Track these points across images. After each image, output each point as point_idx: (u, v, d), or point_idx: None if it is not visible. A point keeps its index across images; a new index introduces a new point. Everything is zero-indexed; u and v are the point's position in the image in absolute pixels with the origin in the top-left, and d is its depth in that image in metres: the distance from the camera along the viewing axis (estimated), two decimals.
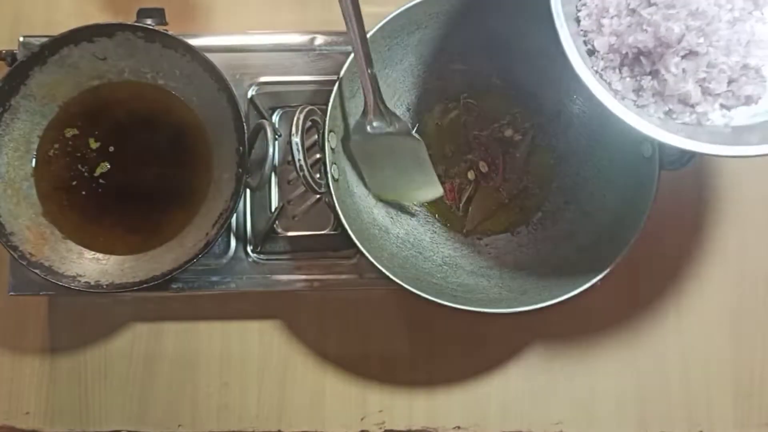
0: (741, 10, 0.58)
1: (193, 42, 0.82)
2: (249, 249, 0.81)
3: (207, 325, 0.87)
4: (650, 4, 0.58)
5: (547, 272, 0.76)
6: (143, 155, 0.78)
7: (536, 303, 0.70)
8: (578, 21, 0.60)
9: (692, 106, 0.59)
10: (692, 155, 0.70)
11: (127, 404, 0.86)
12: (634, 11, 0.59)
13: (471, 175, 0.82)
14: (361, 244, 0.69)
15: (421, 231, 0.80)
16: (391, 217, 0.80)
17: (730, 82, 0.58)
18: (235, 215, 0.81)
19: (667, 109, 0.59)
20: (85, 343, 0.87)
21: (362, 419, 0.86)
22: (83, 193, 0.78)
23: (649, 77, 0.59)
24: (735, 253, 0.89)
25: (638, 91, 0.60)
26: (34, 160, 0.77)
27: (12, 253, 0.72)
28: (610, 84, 0.60)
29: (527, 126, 0.81)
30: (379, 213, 0.79)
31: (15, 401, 0.86)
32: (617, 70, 0.60)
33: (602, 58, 0.60)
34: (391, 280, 0.69)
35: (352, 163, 0.77)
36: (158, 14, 0.85)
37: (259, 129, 0.73)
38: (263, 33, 0.86)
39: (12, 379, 0.86)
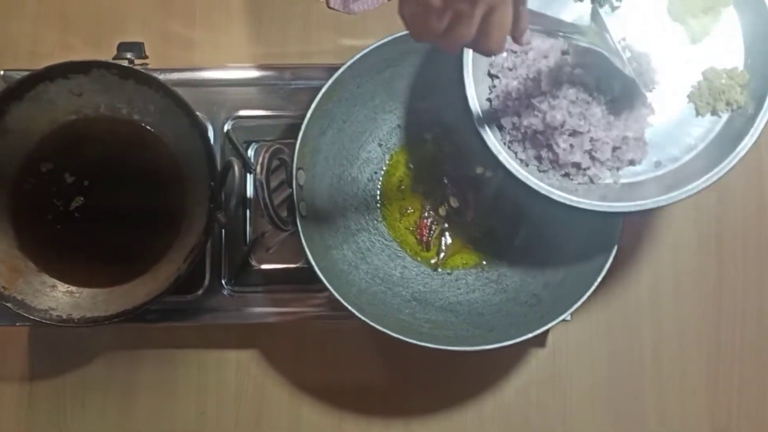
0: (618, 94, 0.67)
1: (172, 76, 0.84)
2: (224, 281, 0.82)
3: (184, 353, 0.88)
4: (540, 93, 0.68)
5: (515, 308, 0.76)
6: (118, 189, 0.80)
7: (503, 341, 0.70)
8: (490, 101, 0.70)
9: (584, 170, 0.69)
10: None
11: None
12: (528, 98, 0.68)
13: (442, 210, 0.83)
14: (327, 280, 0.70)
15: (391, 266, 0.81)
16: (362, 253, 0.80)
17: (614, 149, 0.68)
18: (210, 248, 0.81)
19: (563, 172, 0.69)
20: (64, 370, 0.88)
21: None
22: (58, 226, 0.79)
23: (546, 149, 0.69)
24: (710, 288, 0.88)
25: (539, 159, 0.70)
26: (10, 194, 0.78)
27: None
28: (516, 154, 0.70)
29: (498, 163, 0.81)
30: (349, 249, 0.79)
31: None
32: (521, 143, 0.70)
33: (509, 133, 0.70)
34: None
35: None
36: (137, 48, 0.87)
37: (230, 166, 0.74)
38: (241, 67, 0.87)
39: None
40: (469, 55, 0.67)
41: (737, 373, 0.86)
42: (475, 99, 0.68)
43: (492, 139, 0.68)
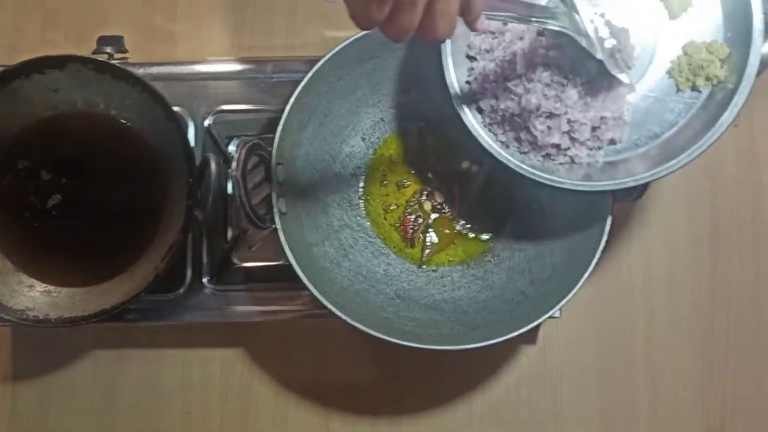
0: (594, 75, 0.66)
1: (152, 70, 0.83)
2: (205, 280, 0.80)
3: (169, 352, 0.87)
4: (516, 76, 0.67)
5: (500, 306, 0.74)
6: (95, 187, 0.78)
7: (487, 339, 0.69)
8: (469, 84, 0.69)
9: (564, 150, 0.68)
10: (645, 187, 0.68)
11: None
12: (504, 81, 0.67)
13: (427, 206, 0.81)
14: (307, 278, 0.69)
15: (374, 263, 0.79)
16: (344, 250, 0.79)
17: (593, 129, 0.67)
18: (191, 245, 0.80)
19: (544, 153, 0.69)
20: (48, 370, 0.87)
21: None
22: (36, 224, 0.78)
23: (524, 131, 0.68)
24: (704, 282, 0.87)
25: (519, 140, 0.69)
26: None
27: None
28: (496, 136, 0.69)
29: (484, 157, 0.79)
30: (331, 246, 0.78)
31: None
32: (501, 125, 0.69)
33: (488, 116, 0.69)
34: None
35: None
36: (117, 42, 0.85)
37: (207, 162, 0.72)
38: (222, 61, 0.85)
39: None
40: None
41: (731, 367, 0.85)
42: (455, 81, 0.68)
43: (471, 120, 0.68)
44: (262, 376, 0.86)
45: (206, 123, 0.82)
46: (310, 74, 0.71)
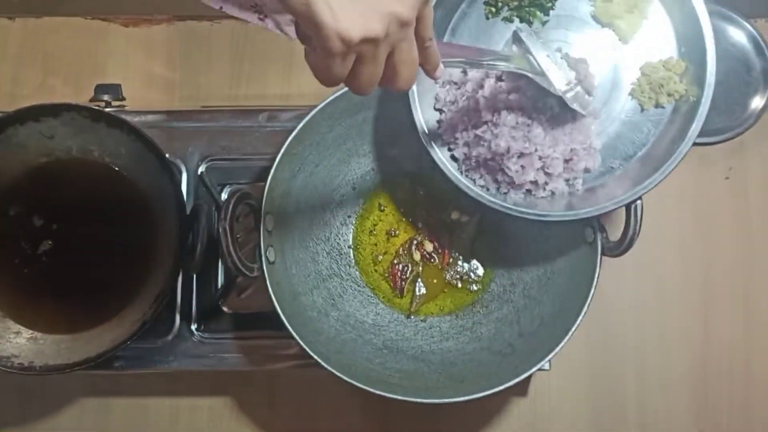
0: (557, 110, 0.68)
1: (147, 118, 0.84)
2: (194, 327, 0.80)
3: (156, 401, 0.86)
4: (483, 123, 0.69)
5: (488, 358, 0.74)
6: (87, 233, 0.79)
7: (474, 393, 0.68)
8: (440, 135, 0.71)
9: (543, 185, 0.69)
10: (632, 240, 0.69)
11: None
12: (473, 129, 0.69)
13: (417, 255, 0.81)
14: (294, 329, 0.68)
15: (363, 313, 0.79)
16: (333, 299, 0.79)
17: (566, 161, 0.69)
18: (179, 293, 0.80)
19: (524, 191, 0.70)
20: (33, 417, 0.86)
21: None
22: (25, 270, 0.78)
23: (500, 173, 0.69)
24: (697, 336, 0.86)
25: (497, 182, 0.70)
26: None
27: None
28: (474, 181, 0.71)
29: (471, 206, 0.80)
30: (320, 295, 0.77)
31: None
32: (477, 170, 0.70)
33: (463, 163, 0.71)
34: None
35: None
36: (114, 90, 0.87)
37: (198, 210, 0.73)
38: (217, 110, 0.86)
39: None
40: (414, 93, 0.68)
41: (724, 420, 0.84)
42: (426, 132, 0.70)
43: (449, 168, 0.69)
44: (250, 425, 0.86)
45: (200, 170, 0.83)
46: (300, 125, 0.72)
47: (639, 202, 0.66)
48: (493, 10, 0.72)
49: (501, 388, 0.68)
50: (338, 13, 0.44)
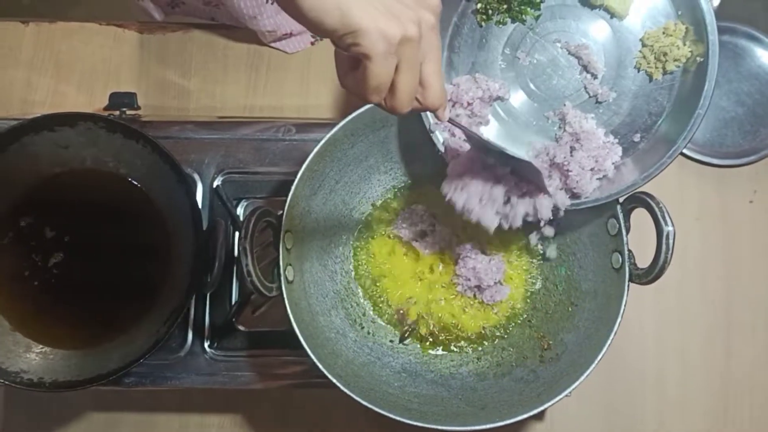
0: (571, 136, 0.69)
1: (163, 129, 0.82)
2: (206, 344, 0.78)
3: (165, 417, 0.85)
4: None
5: (510, 384, 0.72)
6: (99, 246, 0.77)
7: (494, 421, 0.66)
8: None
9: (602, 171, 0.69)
10: (663, 268, 0.67)
11: None
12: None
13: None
14: (311, 350, 0.66)
15: (381, 335, 0.77)
16: (351, 320, 0.77)
17: (597, 160, 0.68)
18: (193, 309, 0.78)
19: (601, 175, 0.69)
20: (41, 431, 0.84)
21: None
22: (35, 283, 0.76)
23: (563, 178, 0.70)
24: (718, 362, 0.85)
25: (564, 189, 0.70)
26: None
27: None
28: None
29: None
30: (338, 315, 0.76)
31: None
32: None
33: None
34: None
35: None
36: (130, 99, 0.85)
37: (216, 226, 0.71)
38: (234, 121, 0.84)
39: None
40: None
41: None
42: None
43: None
44: None
45: (215, 183, 0.81)
46: (322, 142, 0.70)
47: (672, 228, 0.64)
48: (485, 17, 0.71)
49: (524, 416, 0.66)
50: (375, 16, 0.45)
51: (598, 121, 0.70)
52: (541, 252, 0.78)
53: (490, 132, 0.72)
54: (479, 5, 0.71)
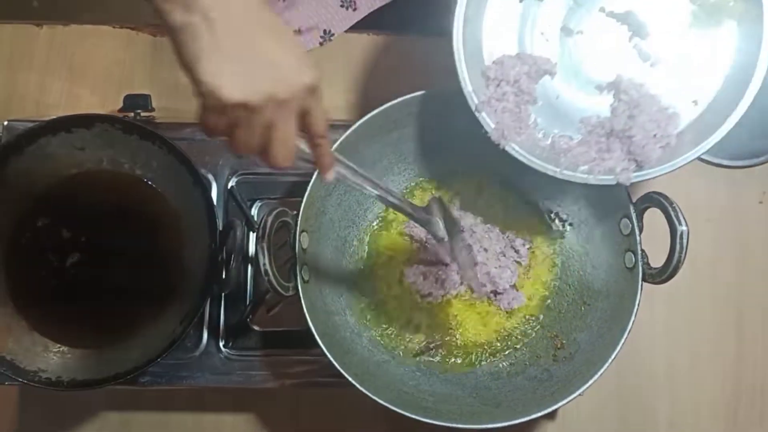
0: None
1: (177, 130, 0.82)
2: (221, 344, 0.79)
3: (178, 416, 0.85)
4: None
5: (524, 383, 0.73)
6: (115, 246, 0.77)
7: (510, 419, 0.67)
8: None
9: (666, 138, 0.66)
10: (676, 267, 0.67)
11: None
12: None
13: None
14: (327, 349, 0.67)
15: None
16: (366, 320, 0.77)
17: (660, 125, 0.66)
18: (208, 309, 0.79)
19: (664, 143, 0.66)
20: (55, 430, 0.85)
21: None
22: (53, 283, 0.76)
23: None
24: (729, 361, 0.85)
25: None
26: (5, 249, 0.76)
27: None
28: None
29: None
30: (353, 315, 0.76)
31: None
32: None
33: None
34: None
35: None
36: (144, 100, 0.85)
37: (232, 226, 0.72)
38: None
39: None
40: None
41: None
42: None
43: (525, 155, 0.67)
44: None
45: (230, 185, 0.81)
46: (337, 143, 0.71)
47: (686, 228, 0.65)
48: None
49: (539, 414, 0.67)
50: (223, 75, 0.48)
51: (655, 87, 0.67)
52: (557, 251, 0.78)
53: (539, 112, 0.70)
54: None
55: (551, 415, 0.83)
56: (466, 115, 0.67)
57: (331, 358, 0.67)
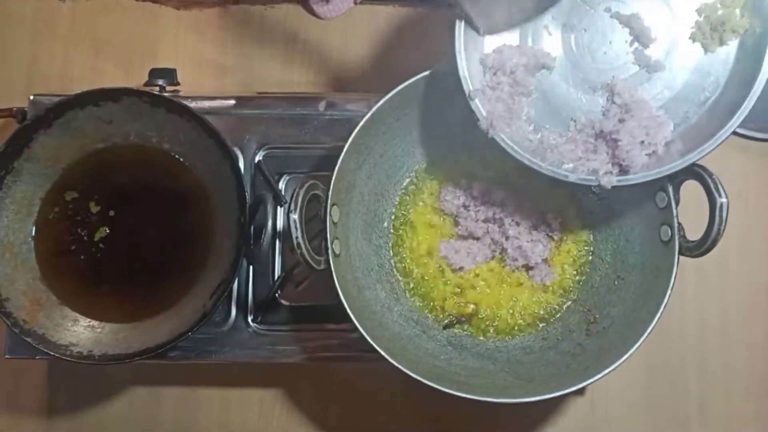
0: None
1: (203, 104, 0.82)
2: (250, 319, 0.79)
3: (207, 391, 0.85)
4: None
5: (556, 358, 0.72)
6: (144, 220, 0.77)
7: (543, 393, 0.66)
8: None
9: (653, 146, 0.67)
10: (715, 240, 0.66)
11: None
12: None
13: None
14: (359, 323, 0.67)
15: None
16: (396, 293, 0.77)
17: (648, 132, 0.66)
18: (236, 283, 0.79)
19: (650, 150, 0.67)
20: (84, 405, 0.85)
21: None
22: (82, 257, 0.76)
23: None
24: (760, 337, 0.84)
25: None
26: (34, 223, 0.76)
27: (5, 320, 0.70)
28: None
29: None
30: (383, 289, 0.76)
31: None
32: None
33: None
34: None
35: None
36: (169, 75, 0.84)
37: (262, 200, 0.71)
38: (274, 96, 0.84)
39: None
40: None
41: None
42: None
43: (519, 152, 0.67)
44: (301, 419, 0.85)
45: (257, 159, 0.81)
46: (368, 115, 0.70)
47: (726, 200, 0.64)
48: None
49: (573, 389, 0.66)
50: None
51: (649, 94, 0.68)
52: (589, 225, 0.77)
53: (533, 105, 0.71)
54: None
55: (581, 391, 0.83)
56: None
57: (363, 332, 0.66)
